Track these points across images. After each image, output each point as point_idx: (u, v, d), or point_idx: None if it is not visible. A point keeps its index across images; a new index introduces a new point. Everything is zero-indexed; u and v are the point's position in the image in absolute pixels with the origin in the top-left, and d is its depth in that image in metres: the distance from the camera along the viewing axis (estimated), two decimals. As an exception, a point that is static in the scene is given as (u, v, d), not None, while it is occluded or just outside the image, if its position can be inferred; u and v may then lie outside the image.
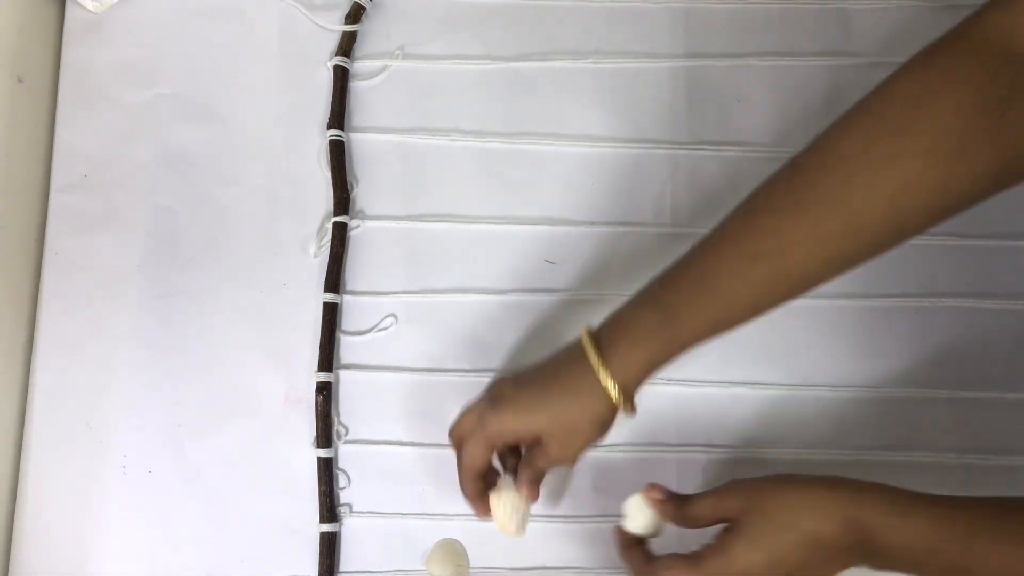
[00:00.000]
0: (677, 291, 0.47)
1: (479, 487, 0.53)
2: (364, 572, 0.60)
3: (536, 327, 0.63)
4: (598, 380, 0.47)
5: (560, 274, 0.64)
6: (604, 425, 0.50)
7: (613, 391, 0.47)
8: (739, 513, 0.46)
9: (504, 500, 0.57)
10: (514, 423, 0.50)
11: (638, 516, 0.50)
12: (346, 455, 0.62)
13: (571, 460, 0.51)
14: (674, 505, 0.49)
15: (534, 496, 0.52)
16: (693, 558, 0.46)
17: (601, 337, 0.49)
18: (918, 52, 0.44)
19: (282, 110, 0.66)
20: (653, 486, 0.49)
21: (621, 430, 0.61)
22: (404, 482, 0.61)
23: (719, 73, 0.67)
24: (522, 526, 0.57)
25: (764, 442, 0.61)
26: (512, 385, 0.51)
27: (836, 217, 0.42)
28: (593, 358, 0.47)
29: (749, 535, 0.45)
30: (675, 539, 0.50)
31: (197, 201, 0.65)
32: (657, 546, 0.51)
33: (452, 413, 0.62)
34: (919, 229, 0.43)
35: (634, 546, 0.50)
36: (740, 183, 0.64)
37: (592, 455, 0.61)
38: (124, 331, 0.63)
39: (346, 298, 0.64)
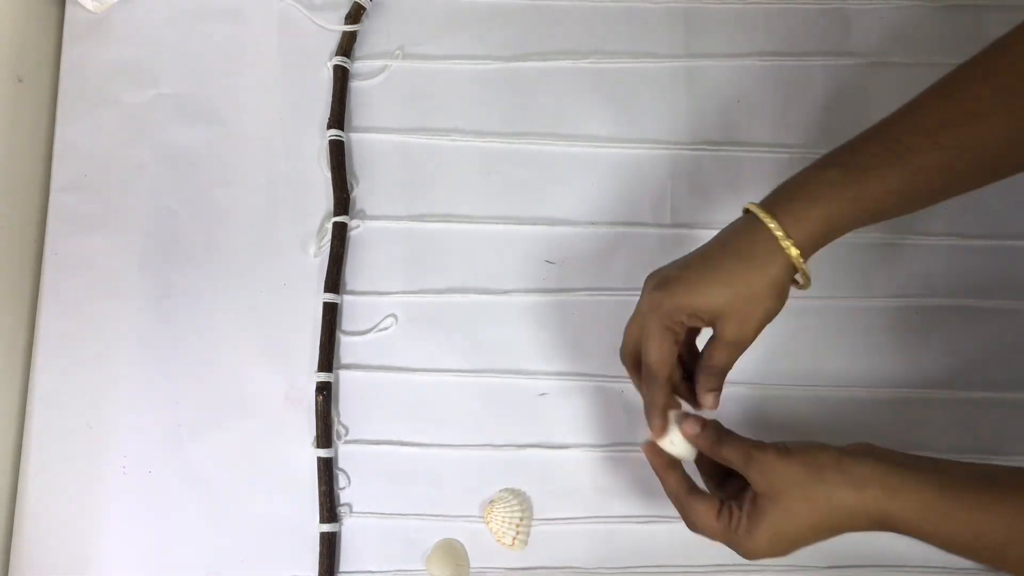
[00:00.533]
0: (864, 154, 0.45)
1: (668, 394, 0.49)
2: (364, 572, 0.60)
3: (536, 327, 0.63)
4: (774, 240, 0.45)
5: (560, 274, 0.64)
6: (782, 293, 0.47)
7: (791, 249, 0.45)
8: (765, 492, 0.46)
9: (497, 514, 0.57)
10: (689, 298, 0.46)
11: (676, 435, 0.50)
12: (346, 455, 0.62)
13: (750, 339, 0.48)
14: (709, 440, 0.49)
15: (712, 403, 0.50)
16: (725, 520, 0.47)
17: (775, 201, 0.46)
18: None
19: (282, 110, 0.66)
20: (687, 418, 0.49)
21: (621, 431, 0.62)
22: (404, 482, 0.61)
23: (719, 73, 0.67)
24: (521, 540, 0.58)
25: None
26: (677, 266, 0.48)
27: None
28: (766, 218, 0.45)
29: (776, 526, 0.46)
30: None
31: (197, 201, 0.65)
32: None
33: (452, 413, 0.62)
34: None
35: (674, 469, 0.50)
36: (740, 183, 0.65)
37: (592, 455, 0.61)
38: (124, 331, 0.63)
39: (346, 298, 0.64)
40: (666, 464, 0.50)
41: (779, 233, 0.45)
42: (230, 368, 0.63)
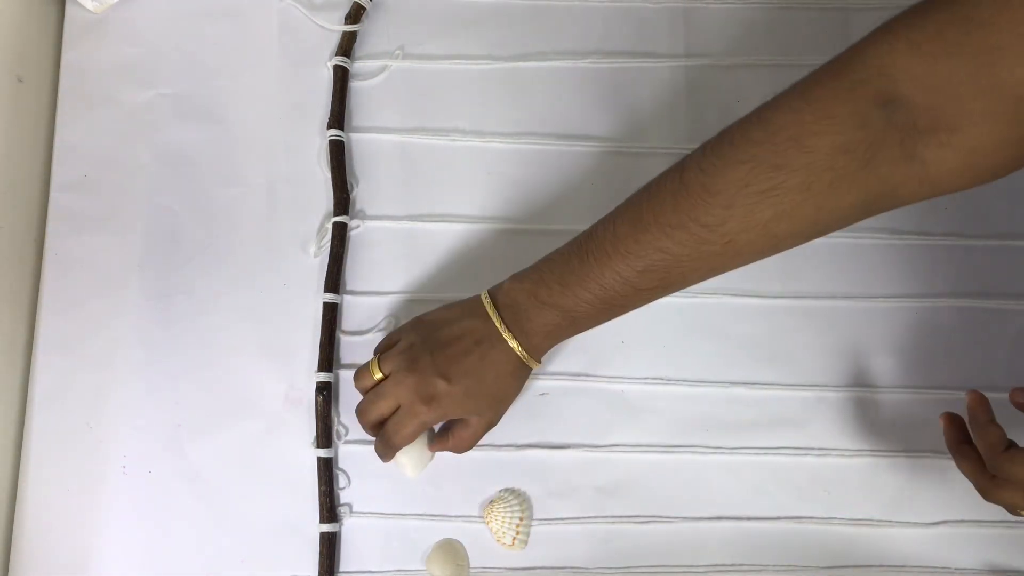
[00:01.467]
0: (576, 297, 0.52)
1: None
2: (364, 572, 0.60)
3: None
4: (528, 363, 0.55)
5: (560, 274, 0.64)
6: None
7: (534, 366, 0.56)
8: None
9: (497, 514, 0.58)
10: (456, 412, 0.55)
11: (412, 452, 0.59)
12: (346, 455, 0.62)
13: (494, 425, 0.57)
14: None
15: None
16: None
17: (518, 324, 0.54)
18: (799, 82, 0.46)
19: (282, 110, 0.66)
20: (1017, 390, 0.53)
21: (621, 431, 0.62)
22: (404, 482, 0.61)
23: (719, 73, 0.67)
24: (521, 540, 0.59)
25: (764, 443, 0.61)
26: (443, 380, 0.54)
27: (716, 240, 0.47)
28: (526, 356, 0.54)
29: None
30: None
31: (197, 201, 0.65)
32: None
33: (452, 413, 0.62)
34: (790, 247, 0.48)
35: (966, 444, 0.53)
36: (740, 183, 0.65)
37: (591, 455, 0.61)
38: (124, 331, 0.63)
39: (346, 298, 0.64)
40: (960, 441, 0.54)
41: (531, 363, 0.55)
42: (230, 368, 0.63)
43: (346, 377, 0.63)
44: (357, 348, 0.63)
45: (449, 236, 0.65)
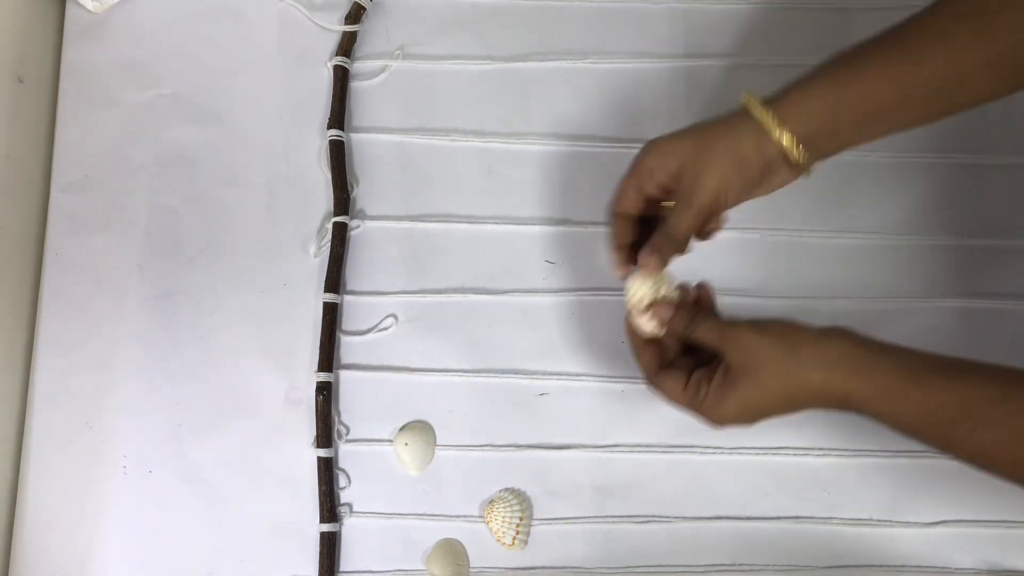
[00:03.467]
0: (862, 49, 0.47)
1: (625, 235, 0.53)
2: (364, 572, 0.60)
3: (536, 327, 0.63)
4: (748, 113, 0.48)
5: (560, 274, 0.64)
6: (759, 167, 0.48)
7: (774, 128, 0.47)
8: (739, 366, 0.47)
9: (497, 514, 0.58)
10: (662, 152, 0.49)
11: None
12: (346, 455, 0.62)
13: (702, 201, 0.49)
14: (682, 323, 0.50)
15: (652, 266, 0.50)
16: (693, 391, 0.49)
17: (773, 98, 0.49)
18: None
19: (282, 110, 0.67)
20: (658, 305, 0.51)
21: (621, 431, 0.62)
22: (404, 482, 0.61)
23: (719, 73, 0.67)
24: (521, 540, 0.58)
25: (764, 443, 0.61)
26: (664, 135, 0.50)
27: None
28: (752, 101, 0.48)
29: (746, 398, 0.47)
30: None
31: (197, 201, 0.65)
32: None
33: (452, 413, 0.62)
34: None
35: (648, 347, 0.52)
36: (740, 183, 0.65)
37: (591, 455, 0.61)
38: (124, 331, 0.63)
39: (346, 298, 0.64)
40: (642, 343, 0.52)
41: (748, 97, 0.48)
42: (230, 368, 0.63)
43: (346, 377, 0.63)
44: (357, 348, 0.63)
45: (449, 236, 0.65)
